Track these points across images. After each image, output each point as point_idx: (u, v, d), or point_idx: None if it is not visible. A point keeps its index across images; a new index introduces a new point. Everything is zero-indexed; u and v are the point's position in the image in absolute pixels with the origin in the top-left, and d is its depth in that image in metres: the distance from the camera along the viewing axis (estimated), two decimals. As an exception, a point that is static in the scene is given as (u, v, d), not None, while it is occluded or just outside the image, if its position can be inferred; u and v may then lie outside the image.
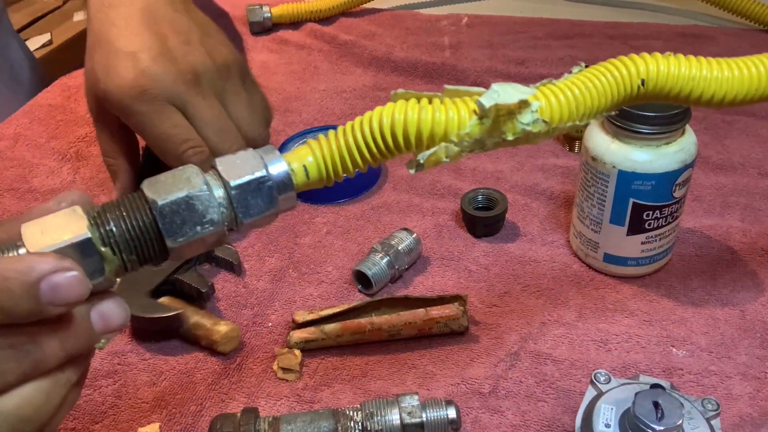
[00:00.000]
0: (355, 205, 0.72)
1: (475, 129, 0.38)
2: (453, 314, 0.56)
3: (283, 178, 0.38)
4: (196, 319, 0.57)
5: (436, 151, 0.38)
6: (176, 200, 0.35)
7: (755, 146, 0.76)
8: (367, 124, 0.39)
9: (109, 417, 0.53)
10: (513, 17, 1.05)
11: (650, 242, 0.59)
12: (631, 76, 0.40)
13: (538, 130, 0.39)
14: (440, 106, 0.39)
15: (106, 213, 0.36)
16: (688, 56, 0.41)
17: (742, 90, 0.41)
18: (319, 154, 0.39)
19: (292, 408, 0.53)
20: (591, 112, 0.40)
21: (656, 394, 0.43)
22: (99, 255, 0.35)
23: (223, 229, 0.37)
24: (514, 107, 0.38)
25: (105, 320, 0.36)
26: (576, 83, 0.40)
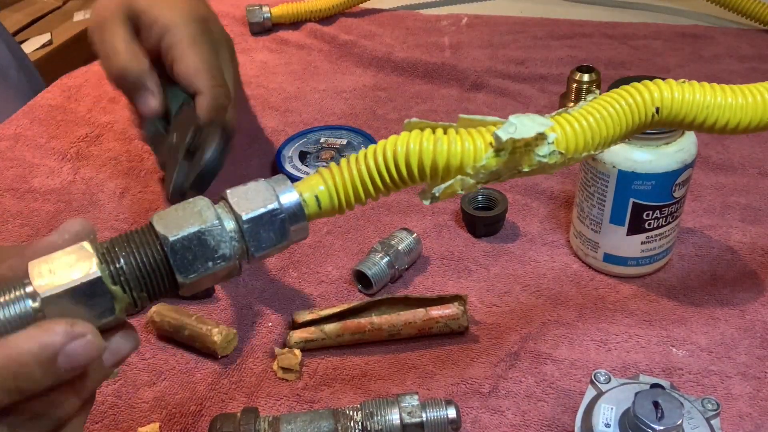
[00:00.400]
0: (355, 205, 0.72)
1: (492, 162, 0.38)
2: (453, 314, 0.56)
3: (294, 209, 0.37)
4: (191, 330, 0.56)
5: (451, 184, 0.38)
6: (188, 236, 0.35)
7: (755, 146, 0.76)
8: (381, 153, 0.38)
9: (109, 417, 0.53)
10: (513, 17, 1.05)
11: (650, 242, 0.59)
12: (645, 103, 0.40)
13: (554, 162, 0.38)
14: (456, 137, 0.38)
15: (116, 249, 0.35)
16: (702, 83, 0.41)
17: (756, 117, 0.41)
18: (331, 183, 0.38)
19: (292, 408, 0.53)
20: (606, 141, 0.40)
21: (656, 394, 0.43)
22: (110, 294, 0.34)
23: (235, 263, 0.36)
24: (531, 140, 0.38)
25: (115, 355, 0.35)
26: (591, 112, 0.39)
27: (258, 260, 0.37)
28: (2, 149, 0.81)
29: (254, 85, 0.91)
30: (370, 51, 0.95)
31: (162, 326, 0.57)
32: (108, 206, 0.73)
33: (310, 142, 0.77)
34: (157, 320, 0.57)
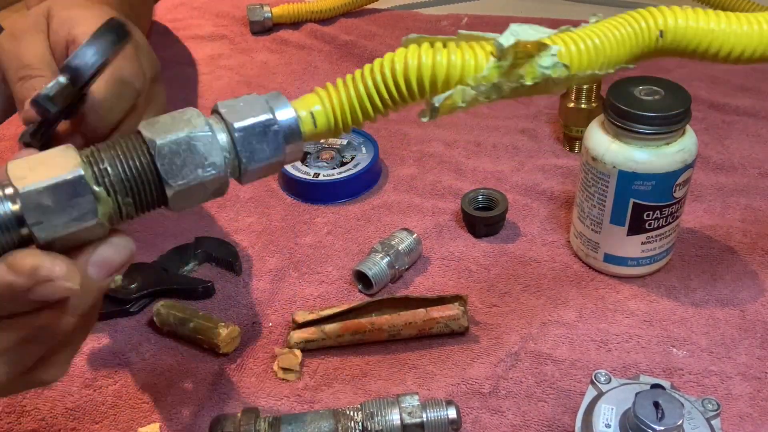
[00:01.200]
0: (355, 205, 0.72)
1: (493, 72, 0.36)
2: (453, 314, 0.56)
3: (290, 124, 0.35)
4: (196, 323, 0.57)
5: (452, 94, 0.36)
6: (177, 140, 0.33)
7: (755, 146, 0.76)
8: (378, 70, 0.37)
9: (109, 417, 0.53)
10: (513, 17, 1.05)
11: (650, 242, 0.59)
12: (650, 27, 0.39)
13: (558, 75, 0.37)
14: (456, 49, 0.37)
15: (101, 152, 0.33)
16: (707, 10, 0.40)
17: (762, 45, 0.40)
18: (327, 102, 0.37)
19: (292, 408, 0.53)
20: (610, 62, 0.39)
21: (656, 394, 0.43)
22: (92, 195, 0.32)
23: (226, 174, 0.34)
24: (533, 49, 0.36)
25: (105, 267, 0.34)
26: (596, 32, 0.39)
27: (250, 177, 0.36)
28: (2, 149, 0.81)
29: (254, 85, 0.91)
30: (370, 51, 0.95)
31: (167, 319, 0.57)
32: (108, 206, 0.73)
33: (310, 142, 0.77)
34: (162, 312, 0.58)
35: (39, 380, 0.36)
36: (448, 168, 0.76)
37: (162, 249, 0.67)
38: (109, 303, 0.60)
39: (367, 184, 0.74)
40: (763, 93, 0.84)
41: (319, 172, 0.73)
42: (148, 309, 0.61)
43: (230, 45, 1.01)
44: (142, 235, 0.69)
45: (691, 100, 0.55)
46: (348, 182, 0.72)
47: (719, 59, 0.40)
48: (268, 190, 0.74)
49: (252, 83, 0.91)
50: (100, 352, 0.58)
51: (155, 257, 0.65)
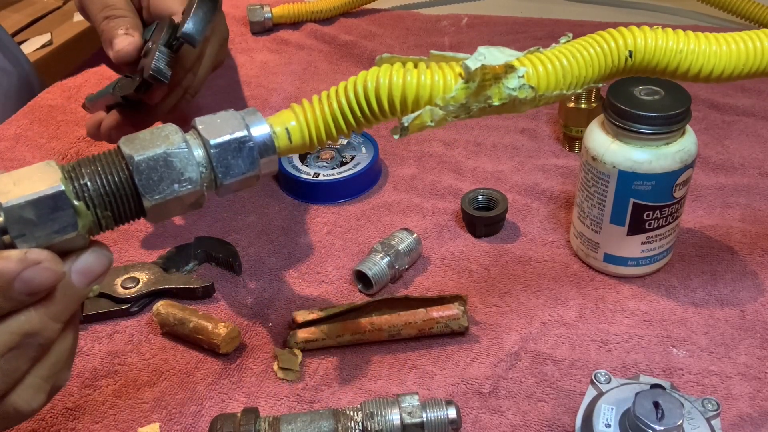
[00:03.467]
0: (355, 205, 0.72)
1: (461, 93, 0.38)
2: (453, 314, 0.56)
3: (265, 140, 0.37)
4: (196, 323, 0.57)
5: (420, 114, 0.38)
6: (154, 156, 0.35)
7: (755, 146, 0.76)
8: (352, 88, 0.38)
9: (109, 417, 0.53)
10: (513, 17, 1.05)
11: (650, 242, 0.59)
12: (618, 48, 0.40)
13: (525, 96, 0.38)
14: (425, 70, 0.38)
15: (81, 168, 0.35)
16: (677, 30, 0.41)
17: (730, 65, 0.41)
18: (302, 118, 0.38)
19: (292, 408, 0.53)
20: (578, 83, 0.40)
21: (656, 394, 0.43)
22: (72, 209, 0.34)
23: (201, 189, 0.36)
24: (500, 71, 0.38)
25: (86, 275, 0.35)
26: (564, 52, 0.40)
27: (226, 190, 0.37)
28: (2, 149, 0.81)
29: (254, 85, 0.91)
30: (370, 51, 0.95)
31: (167, 319, 0.57)
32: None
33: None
34: (162, 312, 0.58)
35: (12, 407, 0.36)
36: (448, 168, 0.76)
37: (162, 249, 0.67)
38: (109, 303, 0.60)
39: (367, 184, 0.74)
40: (763, 93, 0.84)
41: (319, 172, 0.73)
42: (148, 309, 0.61)
43: (230, 45, 1.01)
44: (142, 235, 0.69)
45: (691, 100, 0.55)
46: (348, 182, 0.72)
47: (689, 78, 0.41)
48: (268, 190, 0.74)
49: (252, 83, 0.91)
50: (100, 352, 0.58)
51: (155, 257, 0.65)
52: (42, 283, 0.33)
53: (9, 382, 0.35)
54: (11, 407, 0.35)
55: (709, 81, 0.42)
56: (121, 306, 0.60)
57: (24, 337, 0.34)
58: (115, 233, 0.69)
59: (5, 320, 0.34)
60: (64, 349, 0.37)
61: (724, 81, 0.42)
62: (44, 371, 0.36)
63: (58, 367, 0.37)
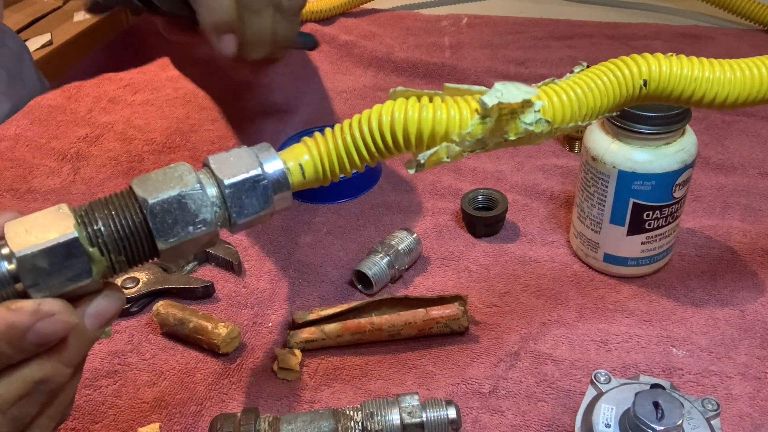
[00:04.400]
0: (355, 205, 0.72)
1: (477, 129, 0.38)
2: (453, 314, 0.56)
3: (278, 177, 0.37)
4: (196, 323, 0.57)
5: (437, 151, 0.38)
6: (168, 199, 0.34)
7: (755, 146, 0.76)
8: (366, 122, 0.38)
9: (109, 417, 0.53)
10: (513, 17, 1.05)
11: (650, 242, 0.59)
12: (633, 76, 0.40)
13: (541, 130, 0.38)
14: (441, 104, 0.38)
15: (94, 212, 0.34)
16: (691, 57, 0.41)
17: (744, 92, 0.41)
18: (315, 152, 0.38)
19: (292, 408, 0.53)
20: (593, 113, 0.40)
21: (656, 394, 0.43)
22: (87, 255, 0.33)
23: (216, 229, 0.36)
24: (517, 107, 0.38)
25: (99, 318, 0.35)
26: (578, 83, 0.40)
27: (240, 228, 0.37)
28: (2, 149, 0.81)
29: (254, 84, 0.91)
30: (370, 51, 0.95)
31: (166, 319, 0.57)
32: (108, 206, 0.73)
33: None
34: (162, 312, 0.58)
35: None
36: (448, 168, 0.76)
37: (162, 249, 0.67)
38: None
39: (367, 184, 0.74)
40: (762, 93, 0.84)
41: (319, 172, 0.73)
42: (148, 309, 0.61)
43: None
44: (142, 235, 0.69)
45: (690, 100, 0.55)
46: (348, 182, 0.72)
47: (703, 105, 0.41)
48: (268, 190, 0.74)
49: (252, 83, 0.91)
50: (100, 353, 0.58)
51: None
52: (55, 334, 0.33)
53: (19, 427, 0.35)
54: None
55: (723, 108, 0.42)
56: (121, 306, 0.60)
57: (36, 385, 0.34)
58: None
59: (18, 368, 0.34)
60: (72, 390, 0.37)
61: (738, 107, 0.42)
62: (52, 412, 0.36)
63: (65, 405, 0.37)
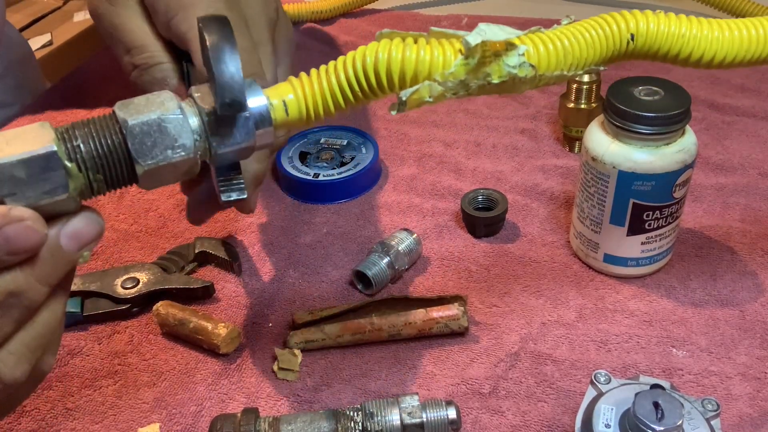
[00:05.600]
0: (355, 205, 0.72)
1: (460, 69, 0.37)
2: (453, 314, 0.56)
3: (261, 112, 0.37)
4: (196, 323, 0.57)
5: (419, 89, 0.38)
6: (148, 121, 0.35)
7: (755, 147, 0.76)
8: (351, 63, 0.38)
9: (109, 417, 0.53)
10: (513, 17, 1.05)
11: (650, 242, 0.59)
12: (621, 31, 0.40)
13: (524, 75, 0.38)
14: (425, 45, 0.38)
15: (75, 130, 0.35)
16: (680, 15, 0.41)
17: (732, 51, 0.41)
18: (300, 92, 0.38)
19: (292, 408, 0.53)
20: (579, 64, 0.40)
21: (656, 394, 0.43)
22: (64, 170, 0.34)
23: (195, 156, 0.36)
24: (501, 48, 0.38)
25: (77, 240, 0.35)
26: (565, 33, 0.40)
27: (221, 159, 0.37)
28: (2, 149, 0.81)
29: (254, 85, 0.91)
30: (370, 51, 0.95)
31: (166, 319, 0.57)
32: (108, 206, 0.73)
33: (310, 143, 0.77)
34: (162, 312, 0.58)
35: None
36: (448, 168, 0.76)
37: (162, 249, 0.67)
38: (109, 303, 0.60)
39: (367, 185, 0.74)
40: (763, 93, 0.84)
41: (318, 172, 0.73)
42: (148, 309, 0.61)
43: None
44: (142, 235, 0.69)
45: (690, 100, 0.55)
46: (348, 182, 0.72)
47: (690, 64, 0.41)
48: (268, 190, 0.74)
49: (252, 83, 0.91)
50: (100, 353, 0.58)
51: (155, 257, 0.65)
52: (24, 243, 0.33)
53: None
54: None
55: (710, 67, 0.41)
56: (121, 306, 0.60)
57: (8, 296, 0.34)
58: (115, 234, 0.69)
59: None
60: (50, 321, 0.36)
61: (725, 67, 0.41)
62: (28, 339, 0.35)
63: (44, 341, 0.36)
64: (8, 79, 0.92)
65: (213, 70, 0.35)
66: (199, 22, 0.37)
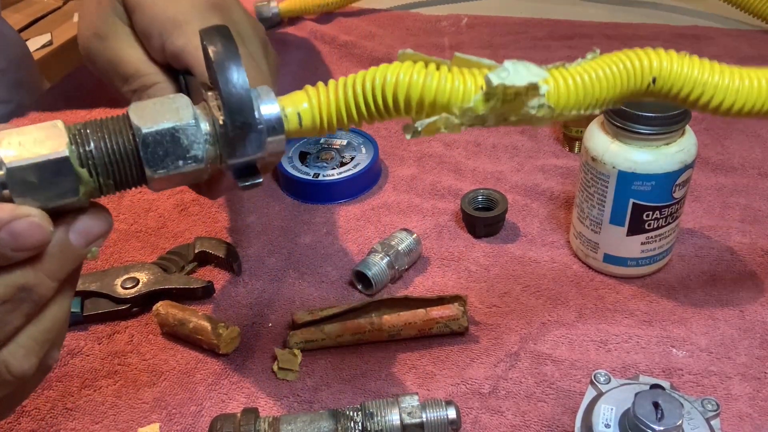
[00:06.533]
0: (355, 205, 0.72)
1: (479, 105, 0.37)
2: (453, 314, 0.56)
3: (273, 122, 0.36)
4: (196, 323, 0.57)
5: (435, 120, 0.37)
6: (161, 131, 0.34)
7: (755, 147, 0.76)
8: (370, 80, 0.37)
9: (109, 417, 0.53)
10: (513, 17, 1.05)
11: (650, 243, 0.59)
12: (643, 70, 0.39)
13: (542, 115, 0.38)
14: (447, 74, 0.37)
15: (88, 132, 0.34)
16: (702, 59, 0.40)
17: (750, 101, 0.40)
18: (315, 102, 0.38)
19: (292, 408, 0.53)
20: (597, 103, 0.39)
21: (656, 394, 0.43)
22: (75, 175, 0.34)
23: (206, 167, 0.36)
24: (522, 90, 0.37)
25: (85, 236, 0.36)
26: (588, 70, 0.39)
27: (230, 168, 0.37)
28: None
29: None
30: (370, 51, 0.95)
31: (166, 319, 0.57)
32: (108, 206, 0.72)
33: (310, 143, 0.77)
34: (162, 312, 0.58)
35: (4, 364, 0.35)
36: (448, 168, 0.76)
37: (162, 249, 0.67)
38: (109, 303, 0.60)
39: (367, 185, 0.74)
40: (762, 93, 0.84)
41: (318, 172, 0.73)
42: (148, 309, 0.61)
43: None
44: (142, 235, 0.69)
45: (690, 100, 0.55)
46: (348, 182, 0.72)
47: (707, 110, 0.41)
48: (268, 190, 0.74)
49: (252, 83, 0.91)
50: (100, 352, 0.58)
51: (155, 257, 0.65)
52: (31, 239, 0.33)
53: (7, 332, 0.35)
54: (2, 364, 0.35)
55: (727, 115, 0.41)
56: (121, 306, 0.60)
57: (18, 291, 0.34)
58: (115, 233, 0.69)
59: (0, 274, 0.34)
60: (58, 315, 0.37)
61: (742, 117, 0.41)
62: (37, 333, 0.36)
63: (51, 335, 0.37)
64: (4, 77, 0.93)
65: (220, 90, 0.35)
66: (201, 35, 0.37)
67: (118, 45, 0.51)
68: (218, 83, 0.35)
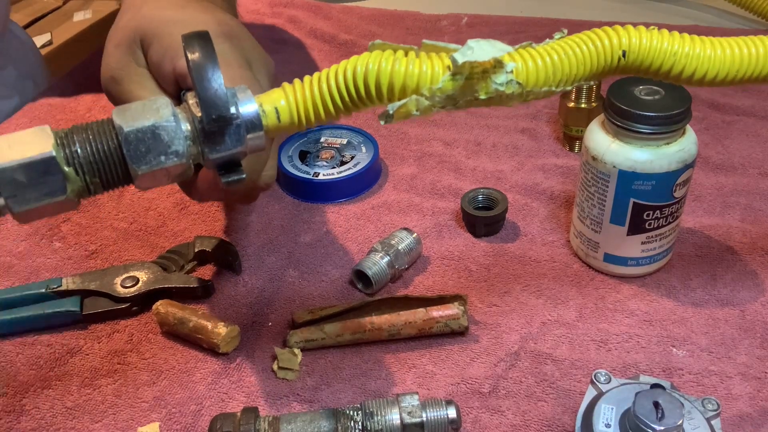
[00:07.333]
0: (355, 204, 0.72)
1: (448, 85, 0.38)
2: (453, 314, 0.56)
3: (252, 118, 0.38)
4: (196, 322, 0.57)
5: (406, 103, 0.38)
6: (142, 128, 0.36)
7: (755, 146, 0.76)
8: (342, 72, 0.39)
9: (109, 416, 0.53)
10: (513, 17, 1.05)
11: (650, 242, 0.59)
12: (612, 47, 0.40)
13: (512, 92, 0.39)
14: (415, 59, 0.39)
15: (74, 135, 0.37)
16: (673, 32, 0.41)
17: (724, 70, 0.41)
18: (292, 98, 0.39)
19: (292, 408, 0.53)
20: (568, 80, 0.40)
21: (656, 394, 0.43)
22: (62, 174, 0.36)
23: (188, 162, 0.38)
24: (489, 66, 0.38)
25: None
26: (556, 49, 0.40)
27: (212, 164, 0.39)
28: (2, 149, 0.81)
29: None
30: (370, 51, 0.95)
31: (166, 318, 0.57)
32: (108, 206, 0.73)
33: (310, 142, 0.77)
34: (162, 311, 0.58)
35: None
36: (448, 168, 0.76)
37: (162, 248, 0.67)
38: (108, 302, 0.60)
39: (367, 184, 0.74)
40: (763, 93, 0.84)
41: (319, 171, 0.73)
42: (147, 308, 0.61)
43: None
44: (142, 234, 0.69)
45: (691, 100, 0.55)
46: (348, 182, 0.72)
47: (682, 81, 0.41)
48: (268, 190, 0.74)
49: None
50: (100, 351, 0.58)
51: (155, 256, 0.65)
52: None
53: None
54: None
55: (702, 84, 0.42)
56: (120, 305, 0.60)
57: None
58: (115, 232, 0.69)
59: None
60: None
61: (717, 85, 0.42)
62: None
63: None
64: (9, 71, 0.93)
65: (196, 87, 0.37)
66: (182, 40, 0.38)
67: (132, 87, 0.54)
68: (194, 81, 0.37)
